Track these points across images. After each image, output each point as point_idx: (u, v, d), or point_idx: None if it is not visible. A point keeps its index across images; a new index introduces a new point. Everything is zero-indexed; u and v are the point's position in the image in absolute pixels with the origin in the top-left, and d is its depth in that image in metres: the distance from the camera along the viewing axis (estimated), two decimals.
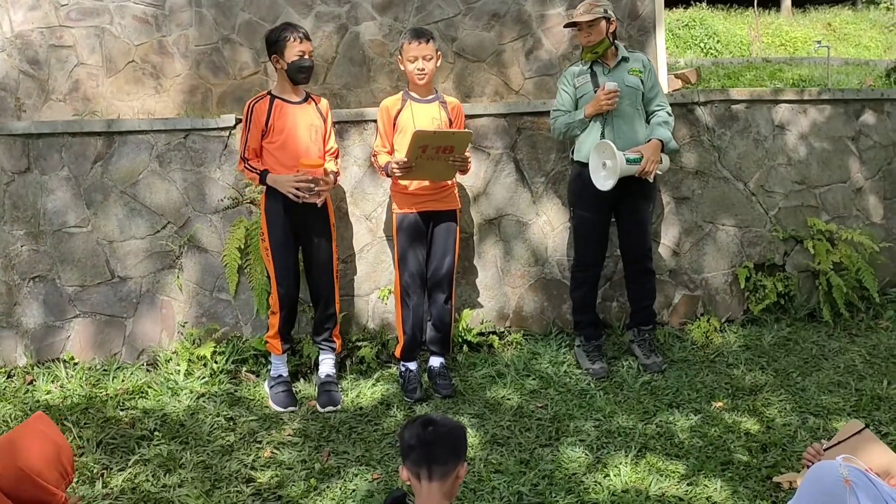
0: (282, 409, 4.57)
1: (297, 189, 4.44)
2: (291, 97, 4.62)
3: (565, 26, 5.00)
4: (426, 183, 4.65)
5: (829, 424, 4.27)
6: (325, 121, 4.73)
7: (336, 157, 4.80)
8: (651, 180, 4.74)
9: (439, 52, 4.73)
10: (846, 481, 2.56)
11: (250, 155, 4.57)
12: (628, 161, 4.57)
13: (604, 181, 4.66)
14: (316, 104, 4.73)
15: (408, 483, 2.65)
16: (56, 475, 2.72)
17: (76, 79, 5.91)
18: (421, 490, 2.58)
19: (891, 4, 16.92)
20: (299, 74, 4.55)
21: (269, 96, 4.61)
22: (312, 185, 4.46)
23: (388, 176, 4.67)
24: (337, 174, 4.75)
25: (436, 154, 4.44)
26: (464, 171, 4.67)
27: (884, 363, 4.98)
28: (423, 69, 4.60)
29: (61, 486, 2.74)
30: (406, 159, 4.45)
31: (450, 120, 4.75)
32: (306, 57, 4.54)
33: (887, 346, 5.19)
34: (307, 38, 4.59)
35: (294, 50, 4.51)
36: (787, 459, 4.01)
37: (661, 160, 4.71)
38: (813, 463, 2.90)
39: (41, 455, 2.69)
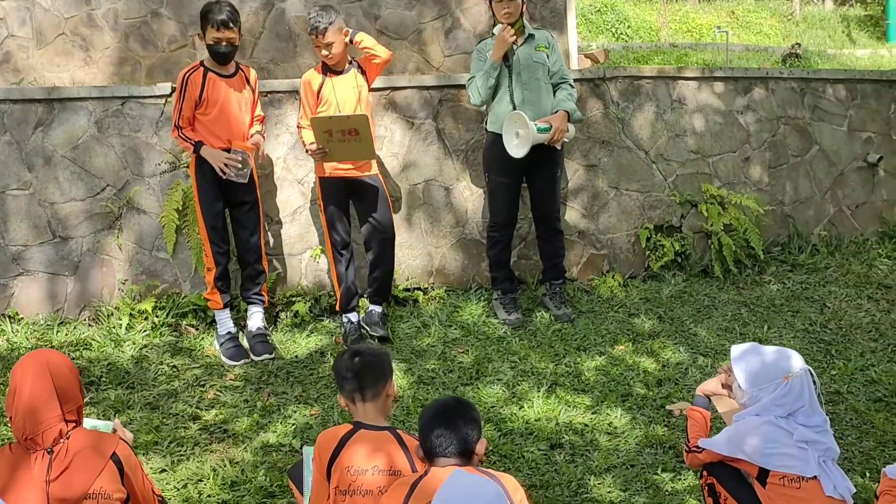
0: (236, 364, 4.81)
1: (227, 166, 4.72)
2: (222, 70, 4.85)
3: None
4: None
5: (716, 363, 4.83)
6: (253, 91, 5.00)
7: (261, 123, 5.11)
8: (559, 147, 5.21)
9: (346, 30, 4.97)
10: (786, 377, 2.86)
11: (184, 123, 4.80)
12: (539, 130, 5.01)
13: (517, 149, 5.09)
14: (245, 75, 4.97)
15: (346, 409, 3.08)
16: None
17: (7, 50, 6.03)
18: (357, 411, 3.01)
19: None
20: (215, 57, 4.80)
21: (202, 68, 4.81)
22: (240, 166, 4.74)
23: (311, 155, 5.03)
24: (262, 134, 5.04)
25: (343, 137, 4.79)
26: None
27: (765, 312, 5.59)
28: (327, 55, 4.93)
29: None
30: (318, 145, 4.83)
31: (367, 79, 5.09)
32: (223, 44, 4.73)
33: (769, 298, 5.81)
34: (226, 25, 4.69)
35: (211, 35, 4.72)
36: (679, 391, 4.55)
37: (568, 129, 5.19)
38: (727, 377, 3.18)
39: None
